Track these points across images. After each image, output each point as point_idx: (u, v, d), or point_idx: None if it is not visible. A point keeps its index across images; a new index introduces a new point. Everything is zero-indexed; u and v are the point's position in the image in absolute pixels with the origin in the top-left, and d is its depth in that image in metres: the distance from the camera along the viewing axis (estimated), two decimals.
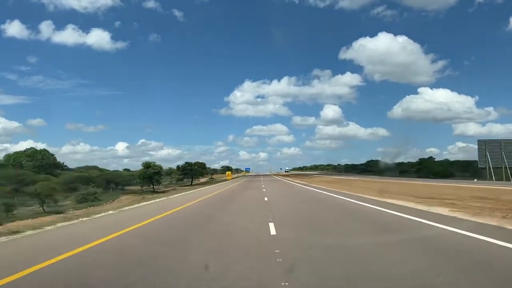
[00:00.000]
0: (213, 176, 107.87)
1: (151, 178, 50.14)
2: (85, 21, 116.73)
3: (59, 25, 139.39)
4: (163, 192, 47.68)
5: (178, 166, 69.52)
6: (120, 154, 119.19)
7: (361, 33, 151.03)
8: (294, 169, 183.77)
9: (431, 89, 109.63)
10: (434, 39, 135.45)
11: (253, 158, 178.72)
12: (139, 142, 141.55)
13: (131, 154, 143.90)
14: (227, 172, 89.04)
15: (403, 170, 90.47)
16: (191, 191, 37.88)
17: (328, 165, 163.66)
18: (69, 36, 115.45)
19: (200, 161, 76.04)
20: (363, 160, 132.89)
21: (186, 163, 69.35)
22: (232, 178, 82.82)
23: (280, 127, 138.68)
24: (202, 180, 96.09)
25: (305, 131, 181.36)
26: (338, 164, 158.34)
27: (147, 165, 50.24)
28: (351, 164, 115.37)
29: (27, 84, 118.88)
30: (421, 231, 7.74)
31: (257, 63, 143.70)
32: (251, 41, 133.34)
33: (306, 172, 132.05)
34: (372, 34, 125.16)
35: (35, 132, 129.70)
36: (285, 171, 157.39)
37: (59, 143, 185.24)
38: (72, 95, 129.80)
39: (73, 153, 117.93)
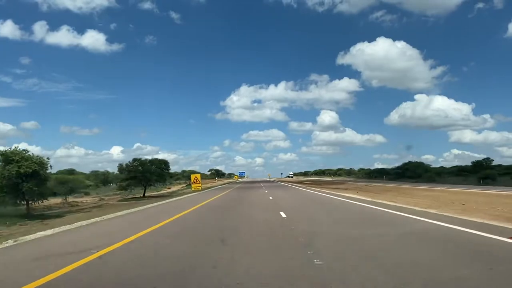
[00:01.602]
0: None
1: (17, 186, 21.65)
2: (80, 22, 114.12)
3: (53, 26, 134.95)
4: (43, 219, 19.41)
5: (120, 165, 40.68)
6: (115, 158, 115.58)
7: (359, 38, 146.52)
8: (295, 174, 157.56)
9: (427, 95, 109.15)
10: (434, 45, 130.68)
11: (249, 163, 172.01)
12: (135, 146, 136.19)
13: (127, 158, 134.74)
14: (193, 177, 49.89)
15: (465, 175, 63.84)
16: (106, 218, 15.10)
17: (339, 169, 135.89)
18: (63, 37, 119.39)
19: (161, 158, 45.23)
20: (360, 166, 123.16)
21: (134, 160, 40.46)
22: (211, 188, 54.01)
23: (276, 132, 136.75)
24: (174, 188, 66.77)
25: (302, 137, 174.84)
26: (351, 168, 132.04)
27: (6, 158, 21.75)
28: (380, 168, 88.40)
29: (22, 87, 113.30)
30: None
31: (255, 67, 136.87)
32: (249, 45, 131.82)
33: (321, 179, 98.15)
34: (371, 39, 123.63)
35: (29, 135, 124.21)
36: (289, 176, 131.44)
37: (54, 146, 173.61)
38: (68, 98, 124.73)
39: (68, 156, 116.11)
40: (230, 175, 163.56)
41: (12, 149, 22.38)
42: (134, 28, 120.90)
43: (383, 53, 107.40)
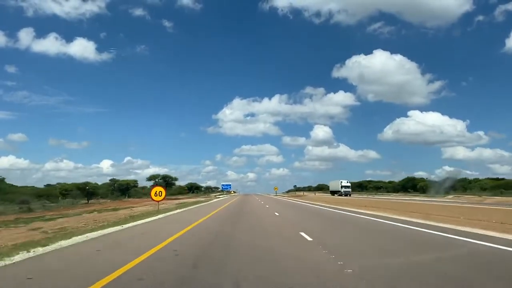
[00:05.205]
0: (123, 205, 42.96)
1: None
2: (68, 29, 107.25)
3: (40, 33, 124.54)
4: None
5: None
6: (105, 172, 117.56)
7: (356, 50, 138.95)
8: (298, 189, 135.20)
9: (421, 112, 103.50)
10: (432, 58, 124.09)
11: (241, 178, 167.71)
12: (125, 160, 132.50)
13: (116, 172, 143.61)
14: None
15: None
16: None
17: (403, 180, 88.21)
18: (51, 45, 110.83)
19: None
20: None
21: None
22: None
23: (269, 147, 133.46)
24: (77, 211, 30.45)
25: (295, 152, 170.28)
26: (427, 179, 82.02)
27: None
28: None
29: (12, 100, 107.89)
30: None
31: (248, 79, 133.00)
32: (243, 56, 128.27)
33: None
34: (367, 52, 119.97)
35: (16, 147, 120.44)
36: (340, 192, 71.09)
37: (42, 159, 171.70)
38: (57, 112, 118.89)
39: (57, 170, 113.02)
40: (210, 189, 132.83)
41: None
42: (125, 37, 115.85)
43: (380, 66, 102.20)
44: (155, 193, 19.85)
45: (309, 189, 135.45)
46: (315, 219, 17.20)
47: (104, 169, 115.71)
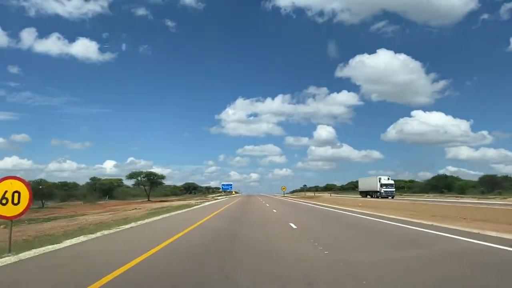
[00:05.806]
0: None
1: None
2: (71, 30, 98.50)
3: (43, 33, 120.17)
4: None
5: None
6: (108, 173, 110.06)
7: (360, 50, 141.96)
8: (309, 189, 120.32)
9: (425, 112, 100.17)
10: (437, 58, 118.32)
11: (244, 178, 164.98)
12: (128, 161, 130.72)
13: (120, 172, 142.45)
14: None
15: None
16: None
17: (433, 179, 76.78)
18: (53, 46, 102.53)
19: None
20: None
21: None
22: None
23: (272, 147, 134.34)
24: None
25: (298, 152, 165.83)
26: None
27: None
28: None
29: (15, 100, 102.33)
30: None
31: (251, 79, 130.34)
32: (246, 56, 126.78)
33: None
34: (371, 51, 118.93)
35: (19, 148, 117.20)
36: (383, 193, 52.10)
37: (46, 160, 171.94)
38: (60, 112, 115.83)
39: (60, 170, 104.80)
40: (210, 190, 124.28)
41: None
42: (127, 37, 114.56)
43: (383, 66, 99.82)
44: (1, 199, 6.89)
45: (316, 189, 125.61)
46: None
47: (108, 170, 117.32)
